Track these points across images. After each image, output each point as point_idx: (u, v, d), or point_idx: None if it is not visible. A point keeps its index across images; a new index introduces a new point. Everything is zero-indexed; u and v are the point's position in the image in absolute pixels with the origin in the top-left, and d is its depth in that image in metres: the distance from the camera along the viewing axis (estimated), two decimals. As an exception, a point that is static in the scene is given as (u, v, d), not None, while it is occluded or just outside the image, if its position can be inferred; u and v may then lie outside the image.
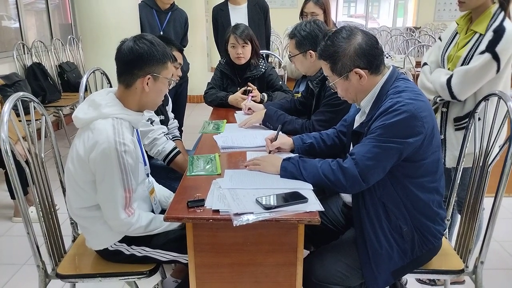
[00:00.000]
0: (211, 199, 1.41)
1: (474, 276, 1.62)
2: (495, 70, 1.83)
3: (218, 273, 1.44)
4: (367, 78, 1.48)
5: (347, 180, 1.42)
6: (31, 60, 4.56)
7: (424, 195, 1.49)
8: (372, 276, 1.49)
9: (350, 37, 1.47)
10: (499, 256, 2.57)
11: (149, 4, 3.43)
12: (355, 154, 1.43)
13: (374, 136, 1.41)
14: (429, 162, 1.46)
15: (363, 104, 1.56)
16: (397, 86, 1.47)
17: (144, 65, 1.50)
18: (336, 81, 1.53)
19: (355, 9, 13.30)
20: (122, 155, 1.43)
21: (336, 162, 1.46)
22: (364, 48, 1.46)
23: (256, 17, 3.75)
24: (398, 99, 1.40)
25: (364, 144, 1.43)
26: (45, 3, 5.38)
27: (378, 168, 1.40)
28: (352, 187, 1.44)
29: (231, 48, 2.74)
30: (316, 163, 1.51)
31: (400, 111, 1.37)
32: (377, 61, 1.49)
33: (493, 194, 1.53)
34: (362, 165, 1.40)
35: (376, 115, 1.44)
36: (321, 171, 1.47)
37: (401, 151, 1.39)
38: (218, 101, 2.77)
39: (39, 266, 1.59)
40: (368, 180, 1.41)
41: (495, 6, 1.88)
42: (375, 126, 1.42)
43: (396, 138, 1.37)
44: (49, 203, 1.69)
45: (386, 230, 1.48)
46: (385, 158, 1.39)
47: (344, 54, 1.46)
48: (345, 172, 1.42)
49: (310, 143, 1.86)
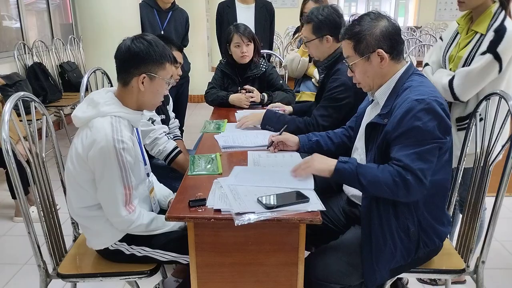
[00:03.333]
0: (212, 199, 1.41)
1: (475, 276, 1.62)
2: (497, 70, 1.83)
3: (219, 273, 1.44)
4: (387, 62, 1.49)
5: (410, 191, 1.38)
6: (32, 60, 4.56)
7: (437, 194, 1.49)
8: (371, 271, 1.49)
9: (378, 19, 1.50)
10: (500, 256, 2.56)
11: (150, 4, 3.43)
12: (408, 165, 1.37)
13: (415, 141, 1.38)
14: (446, 158, 1.47)
15: (377, 95, 1.56)
16: (414, 79, 1.49)
17: (139, 64, 1.50)
18: (357, 62, 1.53)
19: (356, 8, 13.27)
20: (120, 152, 1.43)
21: (397, 173, 1.38)
22: (390, 31, 1.49)
23: (263, 18, 3.78)
24: (422, 96, 1.40)
25: (409, 151, 1.39)
26: (46, 3, 5.38)
27: (431, 169, 1.40)
28: (415, 196, 1.42)
29: (235, 47, 2.73)
30: (376, 172, 1.42)
31: (429, 110, 1.37)
32: (399, 47, 1.51)
33: (494, 194, 1.53)
34: (421, 174, 1.37)
35: (400, 111, 1.41)
36: (383, 182, 1.39)
37: (441, 148, 1.41)
38: (219, 101, 2.77)
39: (40, 266, 1.59)
40: (428, 185, 1.40)
41: (495, 5, 1.87)
42: (411, 127, 1.38)
43: (437, 139, 1.38)
44: (50, 202, 1.69)
45: (394, 229, 1.48)
46: (434, 158, 1.40)
47: (370, 33, 1.49)
48: (408, 185, 1.37)
49: (316, 141, 1.85)
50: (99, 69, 2.34)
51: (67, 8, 6.05)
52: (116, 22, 3.14)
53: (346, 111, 2.05)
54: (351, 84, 1.95)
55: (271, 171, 1.66)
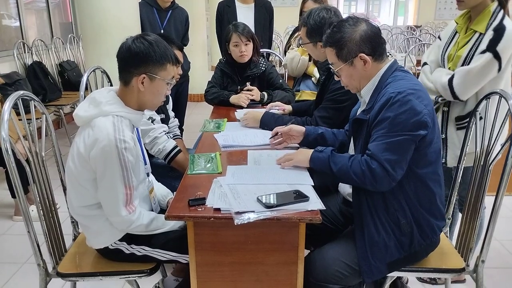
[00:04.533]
0: (212, 198, 1.41)
1: (475, 275, 1.62)
2: (496, 69, 1.83)
3: (219, 272, 1.44)
4: (371, 64, 1.52)
5: (376, 181, 1.43)
6: (31, 59, 4.55)
7: (427, 187, 1.50)
8: (367, 264, 1.49)
9: (356, 24, 1.52)
10: (500, 255, 2.57)
11: (150, 3, 3.43)
12: (375, 155, 1.42)
13: (386, 132, 1.42)
14: (431, 152, 1.47)
15: (363, 93, 1.58)
16: (396, 75, 1.51)
17: (139, 64, 1.50)
18: (341, 67, 1.56)
19: (356, 7, 13.26)
20: (122, 152, 1.43)
21: (365, 161, 1.45)
22: (369, 35, 1.51)
23: (262, 18, 3.81)
24: (399, 89, 1.42)
25: (379, 141, 1.43)
26: (45, 2, 5.38)
27: (402, 161, 1.42)
28: (381, 186, 1.44)
29: (233, 47, 2.73)
30: (347, 161, 1.50)
31: (403, 102, 1.39)
32: (381, 48, 1.54)
33: (494, 193, 1.53)
34: (387, 164, 1.40)
35: (379, 104, 1.45)
36: (351, 170, 1.47)
37: (415, 141, 1.42)
38: (219, 99, 2.77)
39: (39, 265, 1.59)
40: (396, 176, 1.43)
41: (494, 4, 1.87)
42: (383, 118, 1.42)
43: (408, 131, 1.39)
44: (49, 201, 1.69)
45: (384, 220, 1.49)
46: (405, 151, 1.42)
47: (351, 39, 1.51)
48: (374, 174, 1.42)
49: (322, 133, 1.88)
50: (99, 68, 2.34)
51: (66, 7, 6.05)
52: (116, 21, 3.14)
53: (346, 113, 2.05)
54: None
55: (266, 169, 1.66)
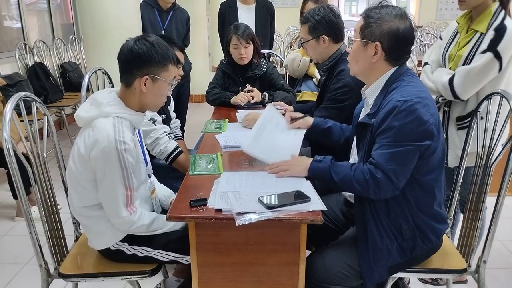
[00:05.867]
0: (213, 199, 1.41)
1: (476, 276, 1.62)
2: (497, 69, 1.83)
3: (220, 273, 1.44)
4: (380, 59, 1.48)
5: (380, 189, 1.41)
6: (33, 60, 4.56)
7: (428, 193, 1.49)
8: (369, 269, 1.49)
9: (396, 17, 1.46)
10: (501, 256, 2.56)
11: (151, 4, 3.43)
12: (380, 164, 1.40)
13: (391, 141, 1.39)
14: (435, 159, 1.46)
15: (367, 93, 1.56)
16: (403, 80, 1.48)
17: (142, 65, 1.50)
18: (356, 41, 1.52)
19: (357, 8, 13.28)
20: (122, 153, 1.43)
21: (368, 171, 1.42)
22: (397, 35, 1.45)
23: (263, 18, 3.82)
24: (406, 97, 1.39)
25: (384, 150, 1.41)
26: (47, 3, 5.38)
27: (406, 171, 1.41)
28: (385, 195, 1.43)
29: (233, 49, 2.74)
30: (349, 170, 1.47)
31: (410, 111, 1.36)
32: (399, 54, 1.49)
33: (495, 193, 1.52)
34: (392, 174, 1.39)
35: (384, 110, 1.42)
36: (354, 179, 1.44)
37: (420, 151, 1.40)
38: (220, 100, 2.77)
39: (41, 266, 1.59)
40: (399, 185, 1.42)
41: (495, 4, 1.87)
42: (389, 127, 1.39)
43: (413, 141, 1.38)
44: (51, 202, 1.69)
45: (386, 226, 1.48)
46: (410, 161, 1.40)
47: (379, 25, 1.45)
48: (378, 183, 1.41)
49: (329, 127, 1.87)
50: (100, 69, 2.34)
51: (68, 8, 6.05)
52: (117, 22, 3.14)
53: (347, 113, 2.05)
54: (354, 85, 1.95)
55: (263, 175, 1.61)
